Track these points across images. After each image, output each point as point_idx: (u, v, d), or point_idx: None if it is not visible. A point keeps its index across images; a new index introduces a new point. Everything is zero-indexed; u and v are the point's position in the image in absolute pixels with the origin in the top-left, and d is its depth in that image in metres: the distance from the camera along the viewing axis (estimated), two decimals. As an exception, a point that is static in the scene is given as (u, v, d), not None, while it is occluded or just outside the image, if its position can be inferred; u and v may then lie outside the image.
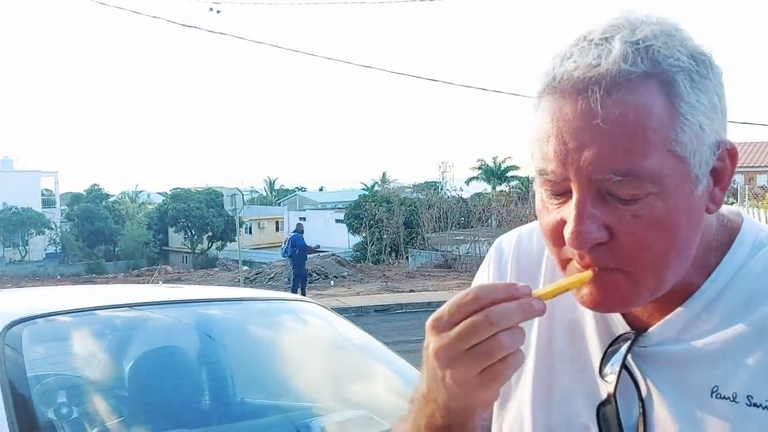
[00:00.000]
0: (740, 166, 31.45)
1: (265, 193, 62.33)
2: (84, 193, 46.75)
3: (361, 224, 27.50)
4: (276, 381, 2.38)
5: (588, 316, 0.79)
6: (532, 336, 0.82)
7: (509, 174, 39.34)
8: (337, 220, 39.50)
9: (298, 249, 14.97)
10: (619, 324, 0.77)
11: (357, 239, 30.15)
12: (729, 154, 0.70)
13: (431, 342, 0.67)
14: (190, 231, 41.71)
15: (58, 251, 43.08)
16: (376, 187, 46.97)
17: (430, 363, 0.68)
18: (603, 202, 0.67)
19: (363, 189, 42.46)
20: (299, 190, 62.11)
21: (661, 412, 0.72)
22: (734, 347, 0.70)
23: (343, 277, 20.25)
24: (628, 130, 0.64)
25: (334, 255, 26.57)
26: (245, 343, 2.55)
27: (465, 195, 30.95)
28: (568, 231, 0.68)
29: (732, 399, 0.68)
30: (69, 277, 30.49)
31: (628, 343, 0.74)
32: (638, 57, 0.65)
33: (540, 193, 0.72)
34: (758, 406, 0.68)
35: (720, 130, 0.69)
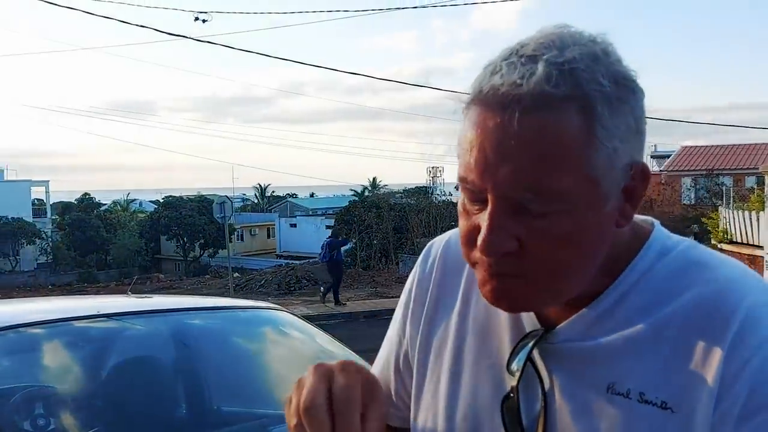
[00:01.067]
0: (729, 168, 31.78)
1: (256, 200, 62.34)
2: (75, 203, 46.67)
3: (351, 230, 27.64)
4: (247, 388, 2.45)
5: (501, 313, 0.82)
6: (449, 329, 0.87)
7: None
8: (328, 226, 39.67)
9: (336, 253, 15.35)
10: (530, 321, 0.80)
11: (347, 245, 30.30)
12: (641, 174, 0.72)
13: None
14: (182, 239, 41.73)
15: (50, 261, 42.97)
16: (366, 193, 47.12)
17: None
18: (516, 214, 0.69)
19: (353, 195, 42.61)
20: (290, 196, 62.21)
21: (561, 406, 0.75)
22: (632, 346, 0.73)
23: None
24: (544, 151, 0.67)
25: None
26: (217, 351, 2.61)
27: (455, 199, 31.01)
28: (480, 239, 0.71)
29: (625, 395, 0.72)
30: (60, 287, 30.47)
31: (535, 339, 0.78)
32: (561, 79, 0.66)
33: (461, 198, 0.75)
34: (649, 403, 0.70)
35: (634, 150, 0.71)
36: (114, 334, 2.43)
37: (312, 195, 71.97)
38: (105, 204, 51.47)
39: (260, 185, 63.40)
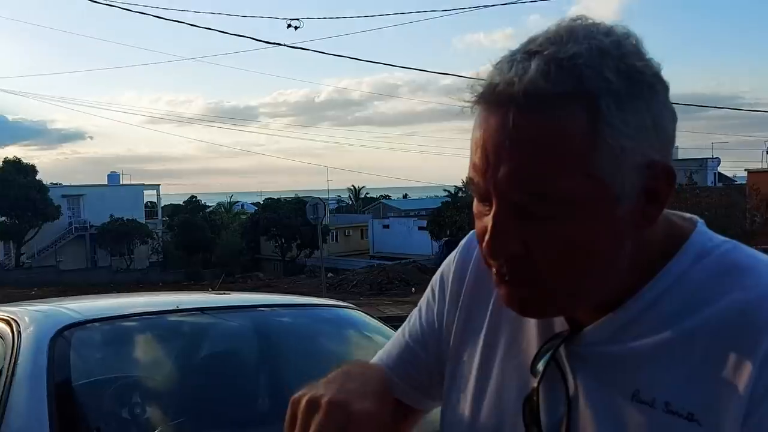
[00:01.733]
0: None
1: (350, 202, 63.43)
2: (183, 205, 49.25)
3: (443, 231, 27.78)
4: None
5: None
6: (483, 324, 0.84)
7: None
8: (420, 227, 39.93)
9: None
10: (560, 321, 0.77)
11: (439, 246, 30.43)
12: (664, 173, 0.68)
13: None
14: (280, 239, 43.19)
15: (160, 260, 45.63)
16: (459, 194, 47.03)
17: None
18: (521, 216, 0.67)
19: (446, 195, 42.69)
20: (383, 198, 62.85)
21: (584, 411, 0.72)
22: (661, 353, 0.69)
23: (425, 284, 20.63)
24: (541, 151, 0.64)
25: (415, 262, 26.93)
26: (293, 347, 2.75)
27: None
28: (484, 242, 0.69)
29: (650, 404, 0.68)
30: (169, 284, 32.33)
31: (561, 340, 0.75)
32: (560, 75, 0.63)
33: (474, 198, 0.73)
34: (675, 414, 0.67)
35: (652, 149, 0.67)
36: (199, 327, 2.61)
37: (405, 196, 72.32)
38: (210, 206, 53.90)
39: (354, 187, 64.46)
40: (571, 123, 0.64)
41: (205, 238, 44.08)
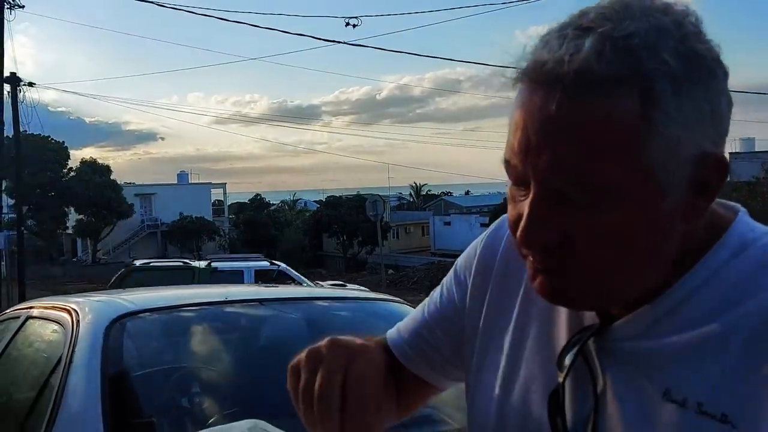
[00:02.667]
0: None
1: (411, 199, 63.46)
2: (248, 203, 50.40)
3: (505, 228, 27.38)
4: None
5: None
6: (512, 313, 0.81)
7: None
8: (482, 224, 39.58)
9: None
10: (588, 314, 0.73)
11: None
12: (717, 165, 0.64)
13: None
14: (342, 236, 43.64)
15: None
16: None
17: None
18: (561, 203, 0.63)
19: (509, 192, 41.78)
20: (445, 194, 62.62)
21: (612, 409, 0.69)
22: (694, 352, 0.66)
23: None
24: (589, 138, 0.60)
25: (477, 259, 26.57)
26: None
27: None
28: (519, 229, 0.65)
29: (681, 404, 0.65)
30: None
31: (590, 334, 0.72)
32: (615, 56, 0.59)
33: (509, 183, 0.69)
34: (707, 415, 0.63)
35: (708, 139, 0.63)
36: (249, 318, 2.67)
37: (467, 193, 71.81)
38: (274, 204, 54.96)
39: (415, 184, 64.44)
40: (623, 109, 0.59)
41: (269, 235, 45.01)
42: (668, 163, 0.61)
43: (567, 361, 0.73)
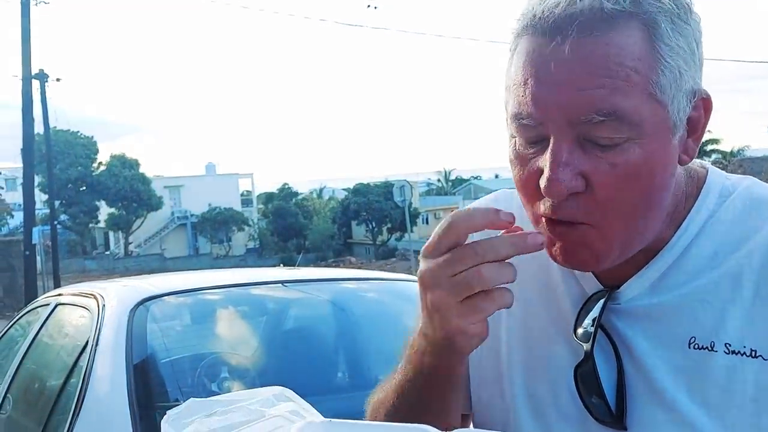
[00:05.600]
0: None
1: (440, 184, 63.35)
2: (276, 192, 50.80)
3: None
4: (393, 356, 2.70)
5: (560, 279, 0.77)
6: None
7: (708, 148, 36.48)
8: (511, 208, 39.10)
9: None
10: (591, 283, 0.74)
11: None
12: (704, 103, 0.68)
13: (420, 267, 0.68)
14: (371, 223, 43.76)
15: (257, 246, 47.39)
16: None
17: (419, 289, 0.69)
18: (580, 149, 0.64)
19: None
20: (474, 178, 62.38)
21: (638, 367, 0.70)
22: (708, 296, 0.68)
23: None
24: (610, 70, 0.62)
25: (506, 243, 26.39)
26: (370, 319, 2.79)
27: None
28: (543, 179, 0.65)
29: (710, 348, 0.67)
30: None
31: (603, 300, 0.72)
32: None
33: (513, 143, 0.69)
34: (737, 353, 0.66)
35: (696, 78, 0.67)
36: (273, 300, 2.70)
37: (497, 176, 71.48)
38: (302, 193, 55.30)
39: (444, 169, 64.29)
40: (634, 41, 0.63)
41: (298, 225, 45.30)
42: (676, 95, 0.65)
43: (583, 330, 0.73)
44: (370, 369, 2.69)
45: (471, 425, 0.86)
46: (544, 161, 0.66)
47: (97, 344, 2.12)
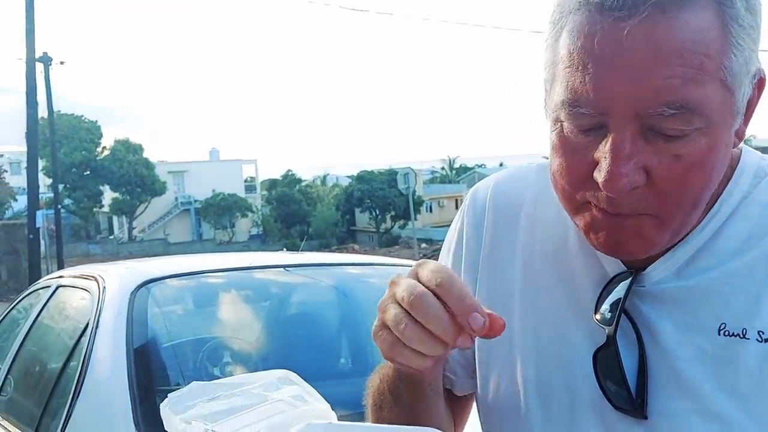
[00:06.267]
0: None
1: (445, 172, 63.22)
2: (280, 179, 50.76)
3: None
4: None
5: (578, 259, 0.72)
6: (514, 281, 0.76)
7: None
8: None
9: None
10: (614, 264, 0.70)
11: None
12: (759, 83, 0.64)
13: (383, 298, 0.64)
14: (375, 211, 43.75)
15: (260, 233, 47.44)
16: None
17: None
18: (643, 139, 0.59)
19: (543, 163, 41.22)
20: (478, 167, 62.22)
21: (662, 353, 0.66)
22: (742, 281, 0.65)
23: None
24: (684, 57, 0.57)
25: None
26: (365, 303, 2.71)
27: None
28: (603, 173, 0.59)
29: (742, 335, 0.63)
30: (269, 256, 33.47)
31: (628, 282, 0.68)
32: None
33: (559, 128, 0.63)
34: None
35: (757, 55, 0.62)
36: (274, 284, 2.68)
37: (501, 165, 71.31)
38: (306, 180, 55.26)
39: (448, 157, 64.15)
40: (708, 22, 0.58)
41: (301, 211, 45.32)
42: (743, 80, 0.60)
43: (604, 312, 0.69)
44: (374, 354, 2.69)
45: (474, 405, 0.83)
46: (602, 153, 0.60)
47: (97, 327, 2.10)
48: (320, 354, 2.53)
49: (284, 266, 2.72)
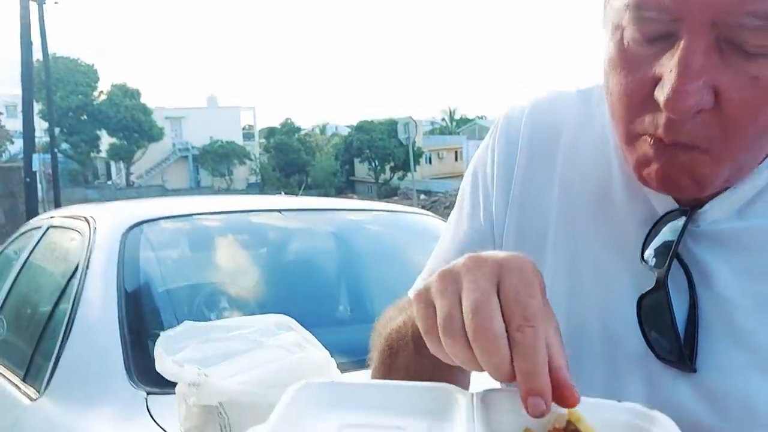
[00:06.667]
0: None
1: (445, 123, 62.72)
2: (279, 127, 50.36)
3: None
4: (399, 289, 2.62)
5: (622, 196, 0.65)
6: (549, 216, 0.68)
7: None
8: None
9: None
10: (665, 202, 0.62)
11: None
12: None
13: (432, 292, 0.51)
14: (374, 161, 43.58)
15: (258, 181, 47.35)
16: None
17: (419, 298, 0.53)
18: (718, 54, 0.52)
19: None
20: (479, 118, 61.72)
21: (717, 300, 0.59)
22: None
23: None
24: None
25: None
26: (372, 251, 2.70)
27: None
28: (666, 90, 0.52)
29: None
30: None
31: (681, 221, 0.60)
32: None
33: (619, 36, 0.56)
34: None
35: None
36: (271, 227, 2.59)
37: (501, 118, 70.44)
38: (305, 129, 54.87)
39: (449, 108, 63.56)
40: None
41: (300, 160, 45.16)
42: None
43: (651, 254, 0.61)
44: (373, 302, 2.67)
45: None
46: (667, 67, 0.52)
47: (87, 268, 2.03)
48: (320, 300, 2.47)
49: (281, 210, 2.64)
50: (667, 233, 0.61)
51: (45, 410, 1.80)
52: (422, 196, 27.41)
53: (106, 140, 43.60)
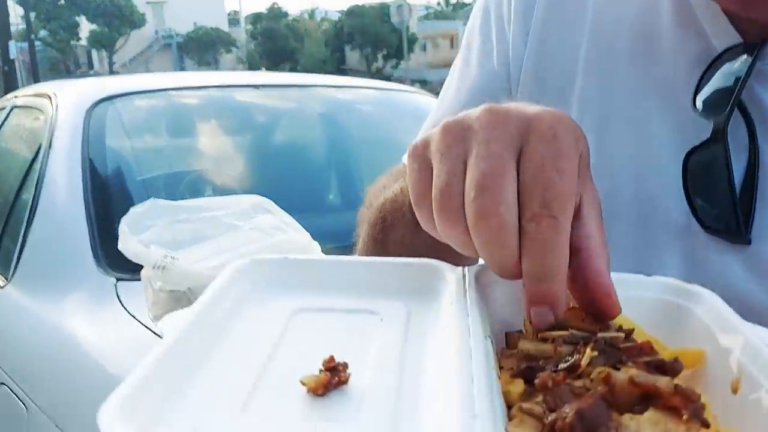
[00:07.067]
0: None
1: (440, 8, 60.51)
2: (265, 12, 48.50)
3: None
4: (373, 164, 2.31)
5: (669, 29, 0.55)
6: (577, 52, 0.60)
7: None
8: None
9: None
10: (725, 35, 0.52)
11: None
12: None
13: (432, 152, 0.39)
14: (366, 49, 42.41)
15: (246, 69, 46.21)
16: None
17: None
18: None
19: None
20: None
21: None
22: None
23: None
24: None
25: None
26: (362, 129, 2.59)
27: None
28: None
29: None
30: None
31: (751, 57, 0.50)
32: None
33: None
34: None
35: None
36: (248, 104, 2.45)
37: None
38: (292, 14, 52.92)
39: (443, -9, 61.12)
40: None
41: (288, 48, 43.89)
42: None
43: (703, 101, 0.51)
44: (364, 187, 2.54)
45: None
46: None
47: (50, 148, 1.89)
48: (308, 186, 2.36)
49: (258, 86, 2.45)
50: (725, 76, 0.51)
51: (13, 298, 1.70)
52: (416, 85, 26.85)
53: (85, 27, 41.99)
